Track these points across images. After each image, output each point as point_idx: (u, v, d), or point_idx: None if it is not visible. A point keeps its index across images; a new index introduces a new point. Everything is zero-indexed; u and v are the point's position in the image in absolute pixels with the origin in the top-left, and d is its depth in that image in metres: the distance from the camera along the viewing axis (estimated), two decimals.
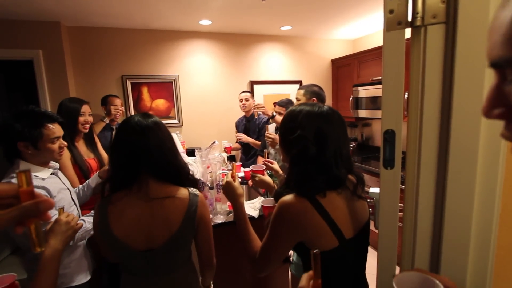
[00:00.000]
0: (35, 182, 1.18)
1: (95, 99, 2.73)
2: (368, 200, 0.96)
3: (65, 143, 1.29)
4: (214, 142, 2.54)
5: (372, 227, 0.95)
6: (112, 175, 0.98)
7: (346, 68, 3.56)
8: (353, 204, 0.85)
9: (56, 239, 0.94)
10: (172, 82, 3.23)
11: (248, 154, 2.92)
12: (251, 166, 1.57)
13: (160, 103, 3.23)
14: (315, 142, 0.81)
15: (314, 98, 1.96)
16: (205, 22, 2.92)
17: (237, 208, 1.00)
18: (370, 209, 0.95)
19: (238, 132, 2.93)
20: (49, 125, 1.22)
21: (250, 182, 2.42)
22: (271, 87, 3.65)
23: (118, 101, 2.63)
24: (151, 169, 0.95)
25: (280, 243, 0.83)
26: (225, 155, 2.85)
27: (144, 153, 0.93)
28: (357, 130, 3.83)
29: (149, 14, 2.66)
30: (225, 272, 1.77)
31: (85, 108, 1.83)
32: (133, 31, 3.05)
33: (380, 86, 2.70)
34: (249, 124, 2.90)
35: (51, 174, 1.27)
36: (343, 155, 0.85)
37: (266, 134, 1.91)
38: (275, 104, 2.32)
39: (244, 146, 2.92)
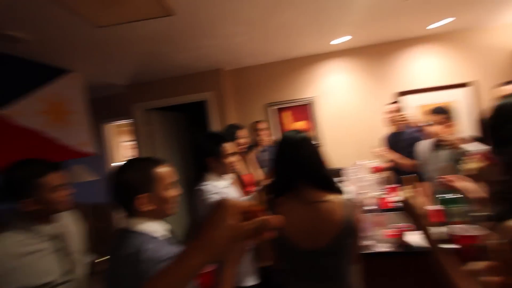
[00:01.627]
0: (216, 190, 1.43)
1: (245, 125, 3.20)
2: None
3: (237, 158, 1.52)
4: (358, 162, 2.36)
5: None
6: (274, 182, 1.14)
7: None
8: None
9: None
10: (310, 104, 3.35)
11: (399, 175, 2.52)
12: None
13: (300, 125, 3.39)
14: None
15: None
16: (341, 39, 2.91)
17: (423, 231, 0.81)
18: None
19: (386, 149, 2.60)
20: (226, 144, 1.49)
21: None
22: (425, 96, 3.08)
23: (263, 125, 2.96)
24: (305, 177, 1.07)
25: None
26: (373, 176, 2.57)
27: (297, 163, 1.07)
28: None
29: (287, 46, 2.94)
30: None
31: (242, 132, 2.21)
32: (274, 64, 3.45)
33: None
34: (398, 139, 2.52)
35: (227, 184, 1.51)
36: None
37: (442, 138, 1.58)
38: (429, 112, 1.91)
39: (395, 166, 2.54)
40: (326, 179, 1.09)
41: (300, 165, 1.06)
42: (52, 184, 1.10)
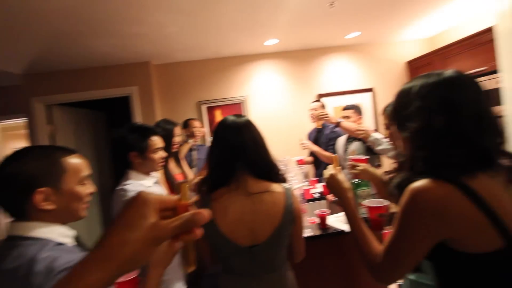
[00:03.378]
0: (141, 188, 1.28)
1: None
2: None
3: (165, 154, 1.40)
4: (286, 157, 2.51)
5: None
6: (210, 174, 1.03)
7: (426, 68, 3.19)
8: None
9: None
10: (241, 103, 3.39)
11: (319, 167, 2.79)
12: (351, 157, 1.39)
13: None
14: (442, 111, 0.66)
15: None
16: (271, 42, 3.04)
17: (347, 204, 0.89)
18: None
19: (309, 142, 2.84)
20: (153, 137, 1.35)
21: (330, 197, 2.28)
22: (341, 99, 3.50)
23: (197, 123, 2.85)
24: (247, 165, 0.98)
25: (414, 242, 0.65)
26: (298, 169, 2.76)
27: (240, 148, 0.98)
28: None
29: (220, 43, 2.91)
30: None
31: (177, 130, 2.03)
32: (206, 61, 3.37)
33: (487, 77, 2.18)
34: (319, 135, 2.80)
35: (154, 183, 1.37)
36: (488, 123, 0.65)
37: (358, 127, 1.84)
38: (342, 109, 2.27)
39: (316, 159, 2.81)
40: (270, 166, 1.02)
41: (243, 151, 0.97)
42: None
